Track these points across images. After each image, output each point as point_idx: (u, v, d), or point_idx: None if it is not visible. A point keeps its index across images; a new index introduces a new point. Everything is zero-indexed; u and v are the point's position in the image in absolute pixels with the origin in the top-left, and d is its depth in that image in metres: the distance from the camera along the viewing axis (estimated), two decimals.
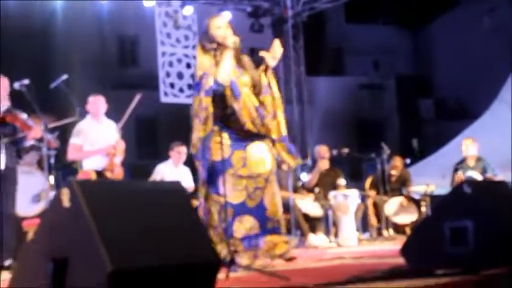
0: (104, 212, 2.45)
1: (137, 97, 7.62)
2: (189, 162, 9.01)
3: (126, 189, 2.65)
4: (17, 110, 6.36)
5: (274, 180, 5.18)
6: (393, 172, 10.10)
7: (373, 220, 9.73)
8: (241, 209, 4.98)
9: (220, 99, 4.96)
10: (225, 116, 4.99)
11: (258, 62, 5.22)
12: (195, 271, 2.55)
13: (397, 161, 10.15)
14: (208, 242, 2.74)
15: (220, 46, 5.02)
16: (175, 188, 2.73)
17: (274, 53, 5.09)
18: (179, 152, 8.76)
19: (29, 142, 6.62)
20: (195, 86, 5.06)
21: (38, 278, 2.56)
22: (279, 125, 5.20)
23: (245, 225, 5.00)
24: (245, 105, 5.04)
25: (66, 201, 2.52)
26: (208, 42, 5.07)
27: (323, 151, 9.51)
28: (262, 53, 5.16)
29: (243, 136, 5.07)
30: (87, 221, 2.40)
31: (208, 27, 5.10)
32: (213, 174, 4.96)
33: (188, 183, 8.61)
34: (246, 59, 5.24)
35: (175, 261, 2.49)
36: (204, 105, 4.86)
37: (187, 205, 2.73)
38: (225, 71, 4.97)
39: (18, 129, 6.29)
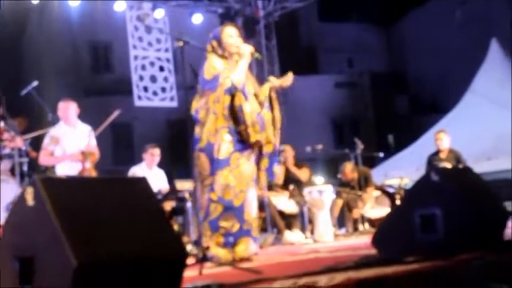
0: (67, 209, 2.45)
1: (115, 113, 7.71)
2: (163, 164, 9.03)
3: (90, 186, 2.65)
4: None
5: (253, 186, 5.40)
6: (343, 178, 10.05)
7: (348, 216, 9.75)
8: (229, 206, 5.17)
9: (230, 100, 5.22)
10: (232, 116, 5.24)
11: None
12: (161, 264, 2.56)
13: (347, 168, 10.01)
14: (174, 235, 2.75)
15: (231, 53, 5.34)
16: (139, 183, 2.74)
17: (284, 83, 5.54)
18: (152, 154, 8.74)
19: (7, 150, 6.56)
20: (207, 83, 5.24)
21: (5, 278, 2.56)
22: (274, 140, 5.47)
23: (229, 222, 5.18)
24: (251, 110, 5.28)
25: (30, 200, 2.52)
26: (219, 49, 5.37)
27: (287, 150, 9.42)
28: (272, 79, 5.59)
29: (243, 139, 5.29)
30: (51, 219, 2.40)
31: (221, 35, 5.40)
32: (212, 170, 5.20)
33: (163, 185, 8.59)
34: (249, 73, 5.48)
35: (140, 255, 2.50)
36: (224, 103, 5.15)
37: (151, 200, 2.74)
38: (240, 75, 5.24)
39: None
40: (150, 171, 8.62)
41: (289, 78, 5.53)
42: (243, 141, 5.28)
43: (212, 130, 5.18)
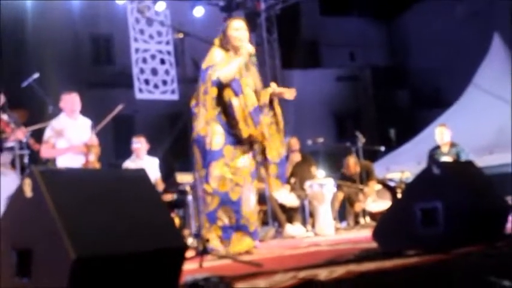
0: (66, 200, 2.43)
1: (118, 107, 7.71)
2: (164, 157, 9.02)
3: (88, 178, 2.63)
4: None
5: (251, 182, 5.37)
6: (346, 172, 10.06)
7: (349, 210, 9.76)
8: (226, 199, 5.17)
9: (220, 92, 5.20)
10: (222, 109, 5.23)
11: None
12: (160, 257, 2.54)
13: (351, 162, 10.02)
14: (173, 227, 2.73)
15: (235, 47, 5.29)
16: (138, 175, 2.72)
17: (285, 94, 5.50)
18: (136, 144, 8.77)
19: (10, 143, 6.54)
20: (201, 73, 5.23)
21: (3, 269, 2.55)
22: (279, 147, 5.44)
23: (227, 215, 5.19)
24: (244, 104, 5.22)
25: (28, 192, 2.50)
26: (224, 42, 5.34)
27: (293, 143, 9.47)
28: (273, 85, 5.51)
29: (235, 134, 5.25)
30: (49, 210, 2.38)
31: (227, 28, 5.36)
32: (205, 162, 5.20)
33: (154, 172, 8.58)
34: (254, 69, 5.46)
35: (139, 248, 2.48)
36: (212, 94, 5.11)
37: (150, 191, 2.72)
38: (229, 71, 5.18)
39: None
40: (142, 161, 8.61)
41: (291, 93, 5.50)
42: (235, 135, 5.26)
43: (202, 123, 5.17)
